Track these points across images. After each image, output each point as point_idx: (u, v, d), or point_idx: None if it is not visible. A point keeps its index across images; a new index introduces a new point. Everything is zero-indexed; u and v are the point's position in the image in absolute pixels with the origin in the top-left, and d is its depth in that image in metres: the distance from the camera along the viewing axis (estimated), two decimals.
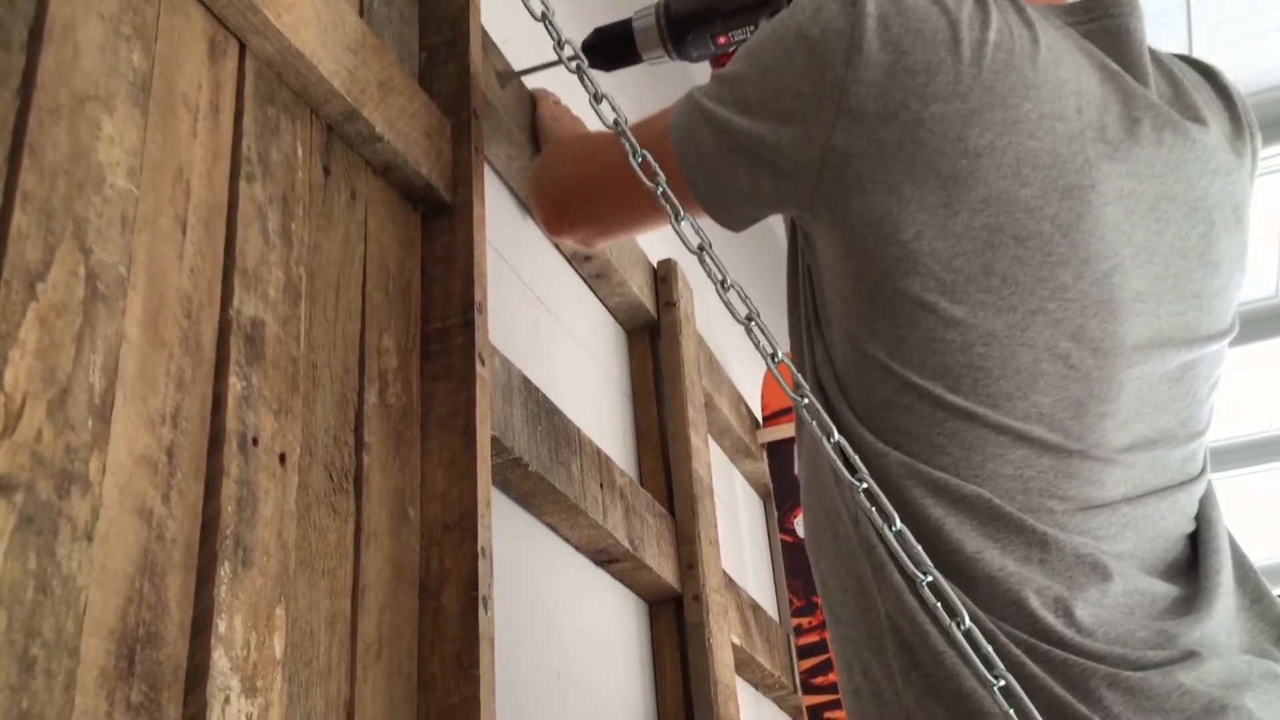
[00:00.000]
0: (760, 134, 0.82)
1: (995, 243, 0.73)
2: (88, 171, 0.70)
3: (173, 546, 0.71)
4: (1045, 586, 0.71)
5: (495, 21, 1.41)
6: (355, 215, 1.03)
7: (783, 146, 0.80)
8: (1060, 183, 0.74)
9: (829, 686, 2.17)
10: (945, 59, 0.74)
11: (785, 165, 0.80)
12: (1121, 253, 0.76)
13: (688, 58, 1.28)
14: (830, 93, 0.77)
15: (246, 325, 0.82)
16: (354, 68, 1.00)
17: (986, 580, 0.72)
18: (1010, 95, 0.74)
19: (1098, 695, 0.68)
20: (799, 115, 0.79)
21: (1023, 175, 0.73)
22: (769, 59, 0.83)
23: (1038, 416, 0.74)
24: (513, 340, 1.34)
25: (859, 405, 0.78)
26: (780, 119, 0.80)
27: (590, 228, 1.08)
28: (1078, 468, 0.75)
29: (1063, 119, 0.75)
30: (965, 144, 0.73)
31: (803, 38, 0.80)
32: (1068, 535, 0.73)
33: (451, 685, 0.94)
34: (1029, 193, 0.73)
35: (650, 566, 1.48)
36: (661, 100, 2.49)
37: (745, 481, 2.37)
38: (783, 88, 0.80)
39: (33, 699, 0.58)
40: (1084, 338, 0.75)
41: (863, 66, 0.75)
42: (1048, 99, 0.75)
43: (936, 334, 0.74)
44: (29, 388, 0.62)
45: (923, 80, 0.74)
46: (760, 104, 0.82)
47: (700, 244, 0.87)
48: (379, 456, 0.97)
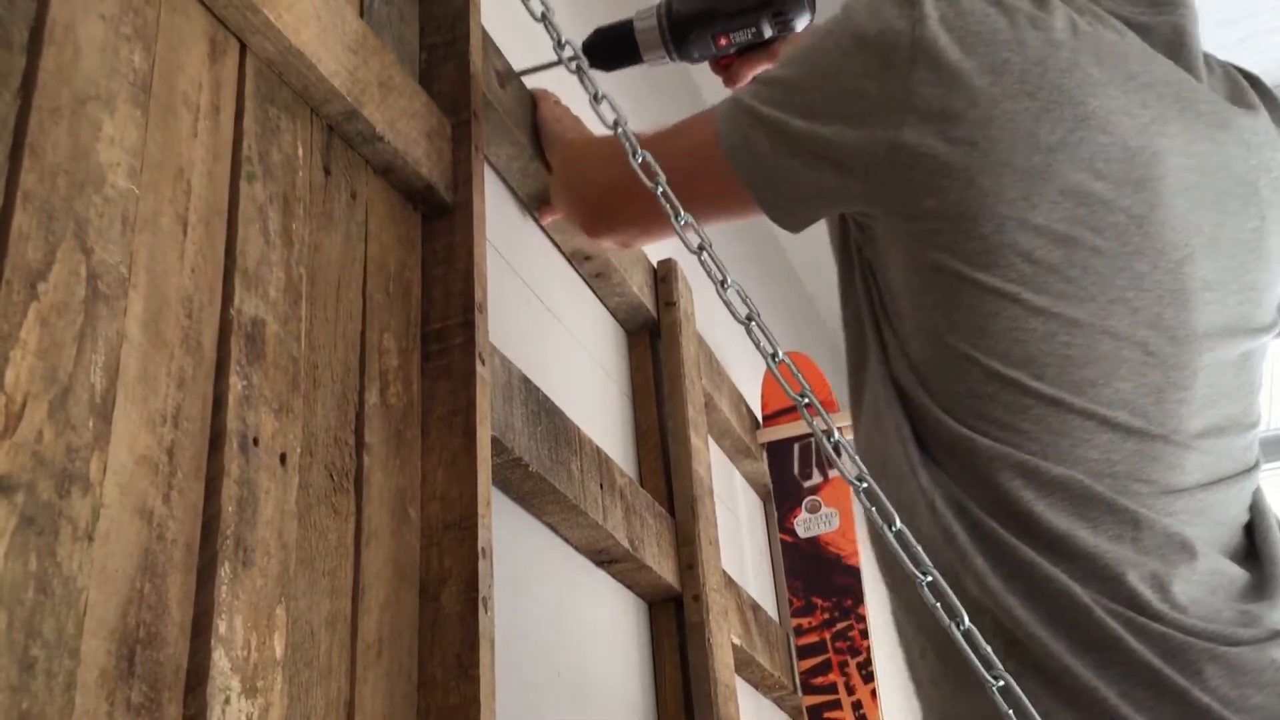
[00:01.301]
0: (824, 136, 0.82)
1: (1074, 234, 0.75)
2: (88, 171, 0.70)
3: (173, 546, 0.71)
4: (1140, 563, 0.73)
5: (495, 22, 1.41)
6: (356, 215, 1.03)
7: (848, 147, 0.80)
8: (1132, 176, 0.76)
9: (829, 687, 2.17)
10: (1010, 58, 0.76)
11: (852, 165, 0.81)
12: (1191, 243, 0.78)
13: (688, 58, 1.28)
14: (896, 93, 0.77)
15: (247, 325, 0.82)
16: (354, 68, 1.00)
17: (1083, 556, 0.73)
18: (1078, 91, 0.76)
19: (1197, 668, 0.70)
20: (864, 116, 0.79)
21: (1096, 169, 0.75)
22: (825, 62, 0.83)
23: (1121, 402, 0.76)
24: (513, 340, 1.34)
25: (940, 395, 0.79)
26: (844, 121, 0.80)
27: (632, 229, 1.07)
28: (1160, 452, 0.77)
29: (1129, 114, 0.77)
30: (1038, 140, 0.75)
31: (861, 39, 0.80)
32: (1156, 515, 0.75)
33: (451, 685, 0.94)
34: (1103, 186, 0.75)
35: (650, 566, 1.48)
36: (662, 100, 2.49)
37: (745, 481, 2.37)
38: (844, 89, 0.81)
39: (33, 699, 0.58)
40: (1161, 325, 0.77)
41: (928, 67, 0.76)
42: (1114, 94, 0.77)
43: (1020, 324, 0.76)
44: (30, 388, 0.62)
45: (989, 80, 0.75)
46: (820, 106, 0.82)
47: (700, 244, 0.87)
48: (379, 456, 0.97)
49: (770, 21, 1.22)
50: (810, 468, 2.34)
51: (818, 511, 2.32)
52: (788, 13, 1.22)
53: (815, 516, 2.32)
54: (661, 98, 2.37)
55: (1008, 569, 0.74)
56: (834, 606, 2.24)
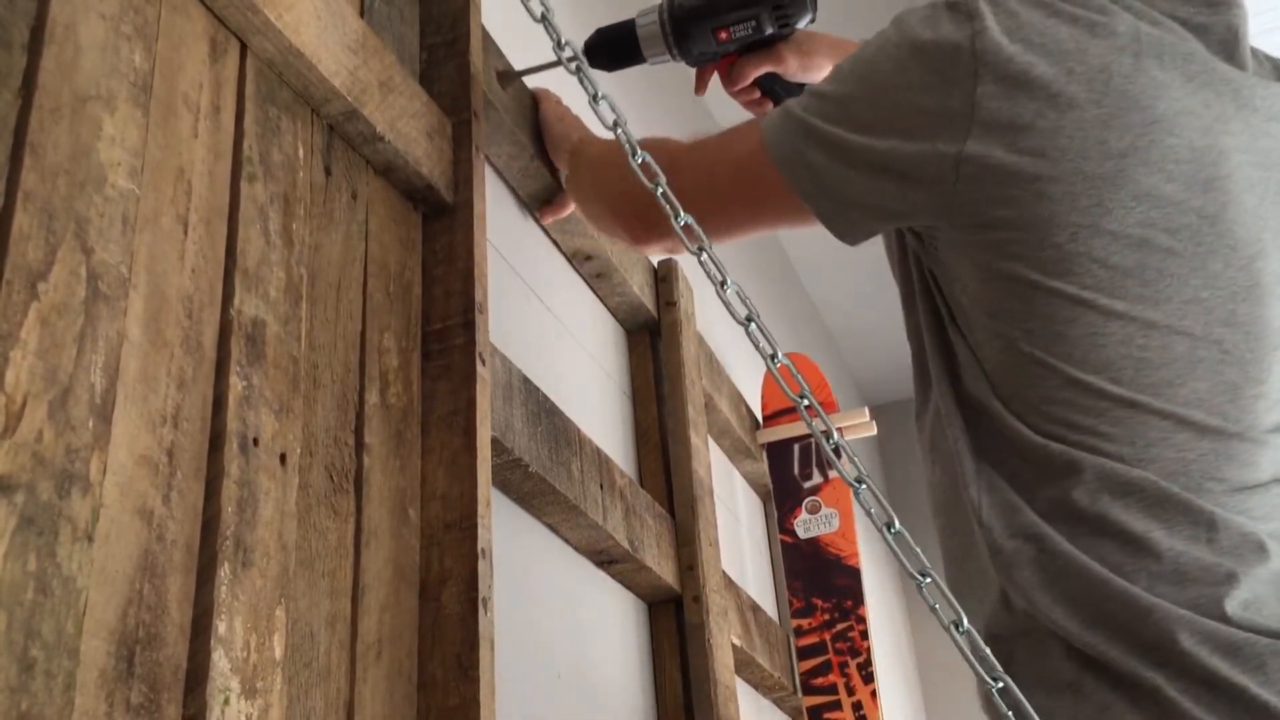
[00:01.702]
0: (883, 150, 0.81)
1: (1149, 238, 0.75)
2: (89, 171, 0.70)
3: (173, 547, 0.71)
4: (1215, 564, 0.73)
5: (495, 22, 1.41)
6: (356, 215, 1.03)
7: (910, 161, 0.80)
8: (1200, 175, 0.77)
9: (829, 687, 2.17)
10: (1074, 67, 0.76)
11: (915, 179, 0.80)
12: (1262, 238, 0.79)
13: (690, 57, 1.28)
14: (959, 106, 0.77)
15: (247, 325, 0.82)
16: (354, 68, 1.00)
17: (1158, 556, 0.74)
18: (1143, 96, 0.76)
19: (1259, 663, 0.70)
20: (926, 130, 0.79)
21: (1167, 171, 0.76)
22: (881, 77, 0.82)
23: (1197, 402, 0.76)
24: (513, 340, 1.34)
25: (1014, 401, 0.79)
26: (903, 135, 0.80)
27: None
28: (1236, 449, 0.77)
29: (1193, 114, 0.77)
30: (1107, 146, 0.75)
31: (918, 51, 0.80)
32: (1230, 514, 0.75)
33: (451, 686, 0.94)
34: (1174, 187, 0.76)
35: (650, 567, 1.48)
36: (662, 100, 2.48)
37: (745, 482, 2.37)
38: (902, 104, 0.80)
39: (32, 700, 0.58)
40: (1235, 322, 0.77)
41: (991, 79, 0.76)
42: (1178, 96, 0.77)
43: (1097, 329, 0.76)
44: (30, 388, 0.62)
45: (1054, 90, 0.75)
46: (878, 121, 0.82)
47: (700, 244, 0.87)
48: (379, 456, 0.97)
49: (771, 18, 1.22)
50: (810, 468, 2.34)
51: (818, 512, 2.32)
52: (788, 9, 1.22)
53: (815, 517, 2.32)
54: (661, 97, 2.37)
55: (1055, 572, 0.74)
56: (834, 607, 2.24)
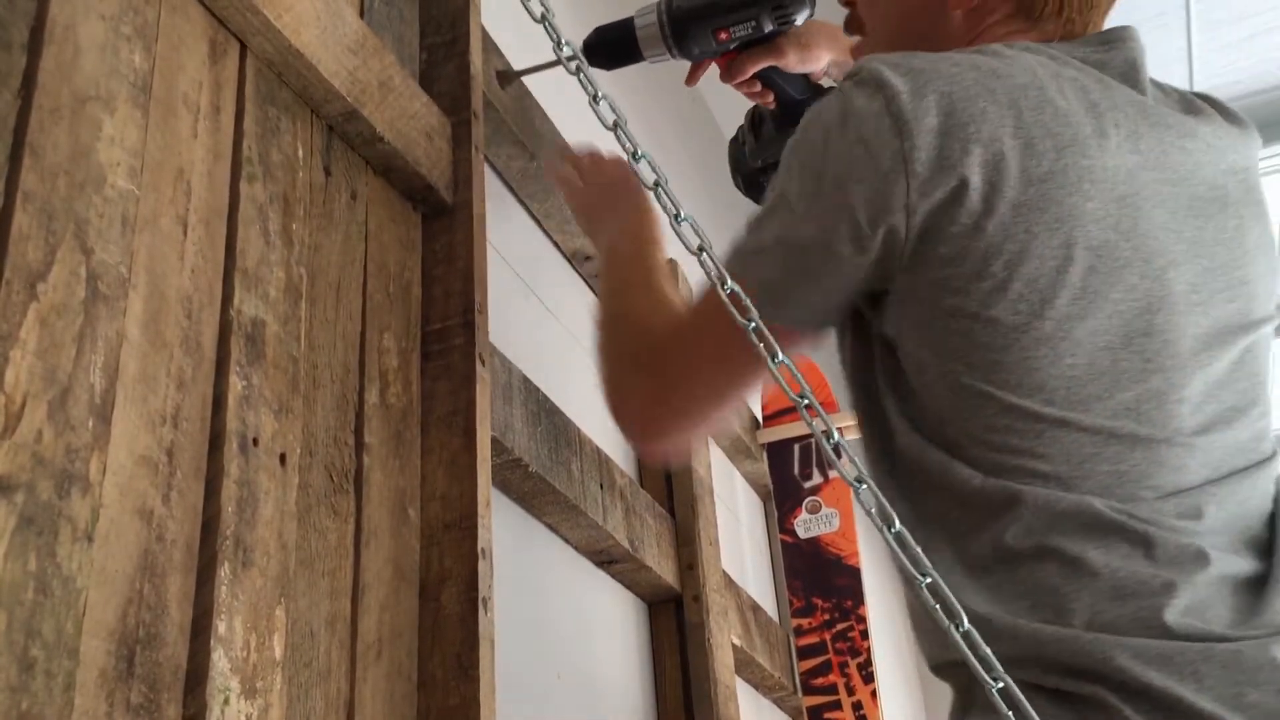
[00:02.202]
0: (832, 227, 0.82)
1: (1073, 256, 0.78)
2: (88, 172, 0.70)
3: (173, 547, 0.71)
4: (1153, 576, 0.75)
5: (495, 22, 1.41)
6: (356, 215, 1.03)
7: (862, 231, 0.81)
8: (1114, 193, 0.80)
9: (829, 687, 2.17)
10: (986, 108, 0.79)
11: (870, 245, 0.82)
12: (1174, 249, 0.82)
13: (689, 55, 1.28)
14: (894, 165, 0.79)
15: (247, 325, 0.82)
16: (354, 68, 1.00)
17: (1095, 574, 0.76)
18: (1054, 124, 0.80)
19: (1194, 669, 0.71)
20: (868, 199, 0.80)
21: (1084, 190, 0.79)
22: (814, 164, 0.83)
23: (1125, 412, 0.79)
24: (513, 340, 1.34)
25: (957, 439, 0.82)
26: (848, 209, 0.81)
27: (683, 423, 0.94)
28: (1164, 455, 0.79)
29: (1103, 135, 0.81)
30: (1029, 174, 0.78)
31: (843, 130, 0.81)
32: (1166, 523, 0.77)
33: (451, 686, 0.94)
34: (1093, 205, 0.79)
35: (650, 567, 1.48)
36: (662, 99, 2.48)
37: (745, 482, 2.37)
38: (841, 179, 0.81)
39: (32, 700, 0.58)
40: (1154, 332, 0.80)
41: (916, 134, 0.78)
42: (1084, 121, 0.81)
43: (1030, 352, 0.78)
44: (29, 388, 0.62)
45: (973, 130, 0.78)
46: (819, 204, 0.83)
47: (700, 245, 0.87)
48: (379, 456, 0.97)
49: (770, 16, 1.22)
50: (810, 468, 2.34)
51: (818, 512, 2.32)
52: (788, 7, 1.22)
53: (815, 517, 2.32)
54: (661, 98, 2.37)
55: (989, 635, 0.74)
56: (834, 607, 2.24)
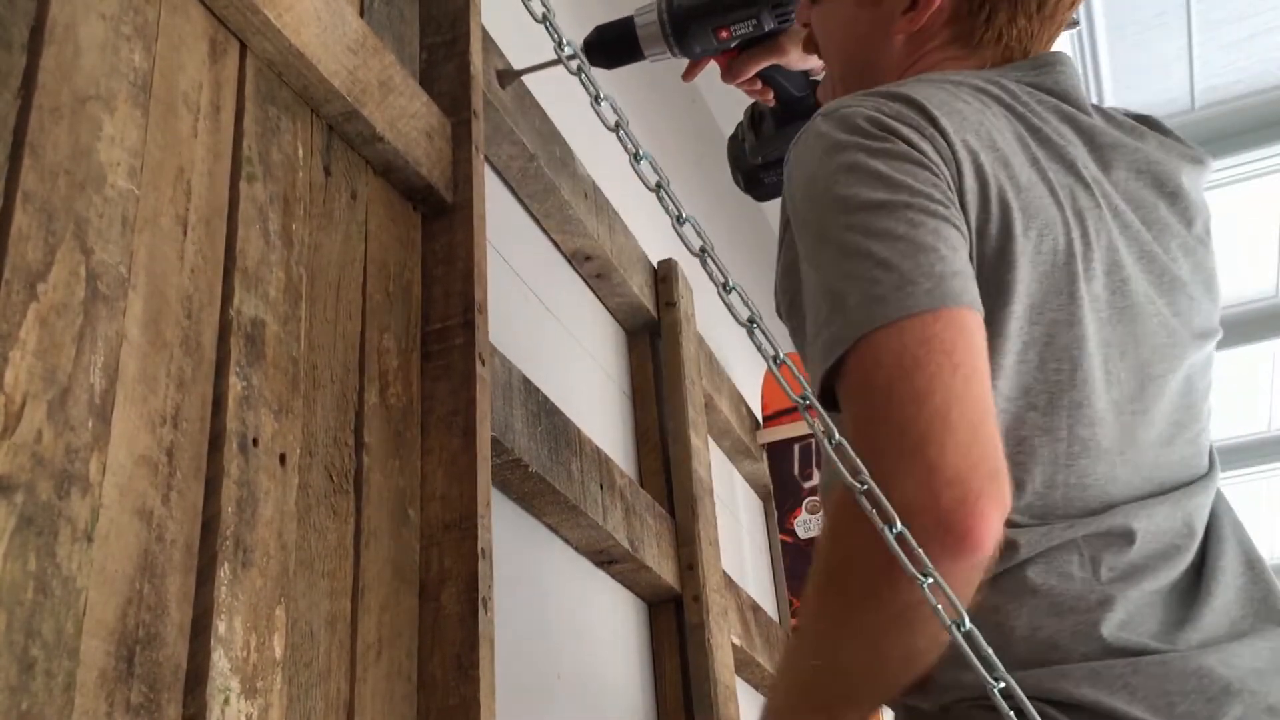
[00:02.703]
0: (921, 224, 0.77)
1: (1057, 261, 0.79)
2: (88, 171, 0.70)
3: (173, 547, 0.71)
4: (1089, 592, 0.75)
5: (495, 22, 1.41)
6: (356, 215, 1.03)
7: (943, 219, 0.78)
8: (1076, 205, 0.81)
9: None
10: (950, 130, 0.79)
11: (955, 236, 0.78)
12: (1126, 261, 0.83)
13: (690, 53, 1.28)
14: (941, 152, 0.78)
15: (247, 325, 0.82)
16: (354, 68, 1.00)
17: (1032, 593, 0.75)
18: (1007, 149, 0.81)
19: (1125, 682, 0.71)
20: (925, 195, 0.77)
21: (1057, 198, 0.80)
22: (853, 192, 0.77)
23: (1099, 421, 0.79)
24: (513, 340, 1.34)
25: None
26: (924, 211, 0.77)
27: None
28: (1120, 469, 0.79)
29: (1063, 155, 0.83)
30: (1017, 180, 0.79)
31: (861, 148, 0.78)
32: (1107, 540, 0.77)
33: (451, 686, 0.94)
34: (1063, 215, 0.80)
35: (650, 567, 1.48)
36: (660, 99, 2.48)
37: (745, 482, 2.37)
38: (907, 181, 0.77)
39: (32, 700, 0.58)
40: (1124, 344, 0.81)
41: (938, 137, 0.78)
42: (1048, 139, 0.83)
43: (1022, 356, 0.78)
44: (29, 388, 0.62)
45: (959, 146, 0.79)
46: (894, 216, 0.76)
47: (702, 245, 0.87)
48: (379, 457, 0.97)
49: (770, 14, 1.22)
50: (810, 468, 2.34)
51: (818, 512, 2.32)
52: (787, 4, 1.22)
53: (815, 517, 2.32)
54: (661, 98, 2.37)
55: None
56: None
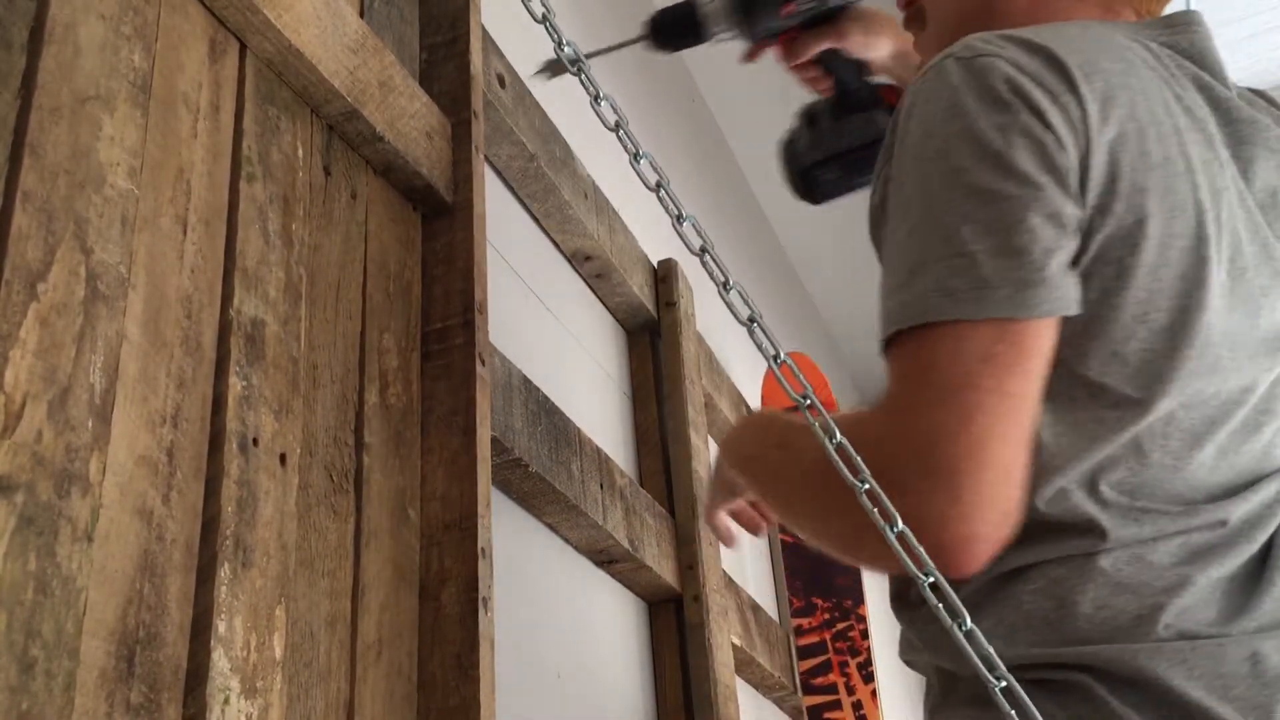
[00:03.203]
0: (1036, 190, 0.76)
1: (1188, 245, 0.76)
2: (88, 171, 0.70)
3: (173, 547, 0.71)
4: (1156, 577, 0.74)
5: (495, 22, 1.41)
6: (356, 215, 1.02)
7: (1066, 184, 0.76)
8: (1212, 184, 0.78)
9: (829, 687, 2.17)
10: (1090, 74, 0.76)
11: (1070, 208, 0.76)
12: (1246, 251, 0.80)
13: (754, 30, 1.19)
14: (1073, 123, 0.75)
15: (247, 325, 0.82)
16: (354, 68, 1.00)
17: (1101, 573, 0.74)
18: (1166, 107, 0.78)
19: (1182, 658, 0.71)
20: (1055, 164, 0.75)
21: (1194, 177, 0.77)
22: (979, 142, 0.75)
23: (1201, 405, 0.76)
24: (513, 340, 1.34)
25: (1059, 424, 0.77)
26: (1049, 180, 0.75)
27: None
28: (1208, 456, 0.77)
29: (1203, 129, 0.79)
30: (1155, 154, 0.76)
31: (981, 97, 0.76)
32: (1178, 529, 0.75)
33: (451, 686, 0.94)
34: (1197, 195, 0.77)
35: (650, 567, 1.48)
36: (660, 99, 2.48)
37: None
38: (1023, 154, 0.75)
39: (32, 700, 0.58)
40: (1237, 336, 0.78)
41: (1083, 100, 0.75)
42: (1190, 109, 0.80)
43: (1148, 344, 0.75)
44: (29, 388, 0.62)
45: (1105, 96, 0.76)
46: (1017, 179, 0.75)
47: (702, 245, 0.87)
48: (379, 456, 0.97)
49: None
50: None
51: None
52: None
53: None
54: (662, 98, 2.37)
55: (1011, 622, 0.74)
56: (834, 607, 2.24)
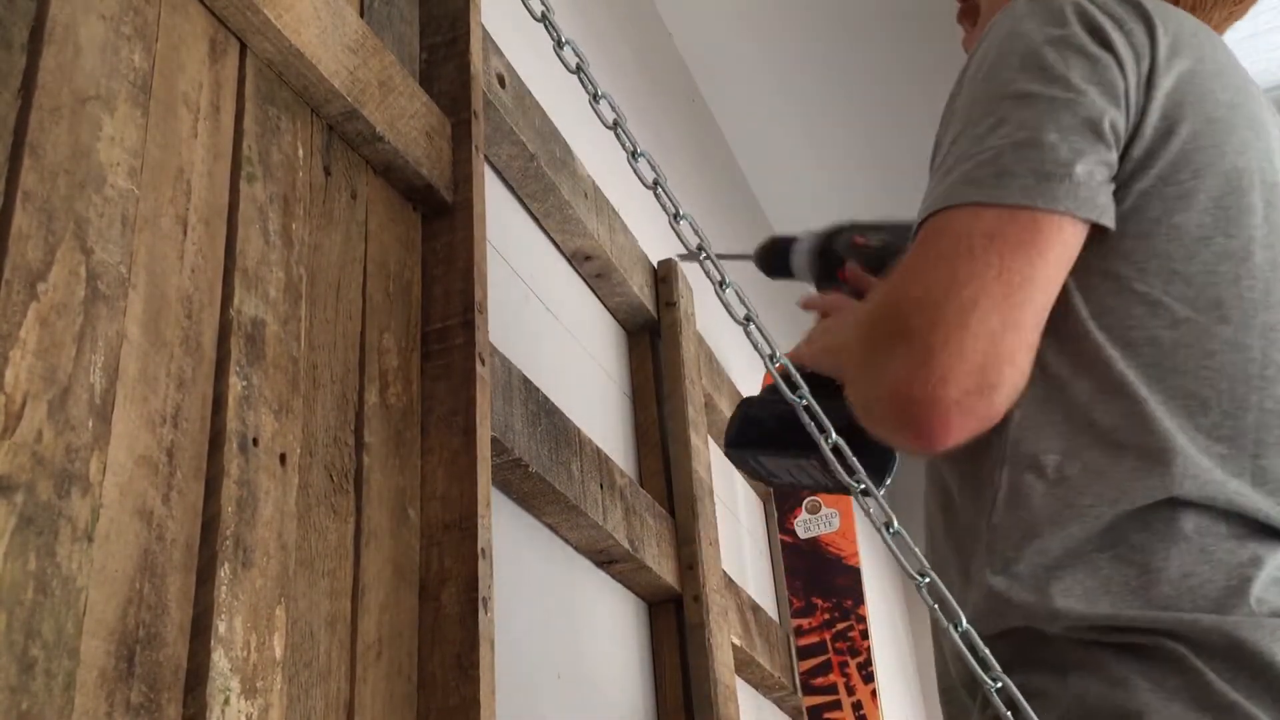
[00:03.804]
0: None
1: (1258, 180, 0.77)
2: (88, 171, 0.70)
3: (173, 547, 0.71)
4: (1239, 548, 0.72)
5: (495, 22, 1.41)
6: (356, 215, 1.03)
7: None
8: (1268, 149, 0.80)
9: (829, 687, 2.17)
10: (1168, 26, 0.79)
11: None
12: None
13: (819, 288, 1.17)
14: (1137, 46, 0.77)
15: (247, 325, 0.82)
16: (354, 68, 1.00)
17: (1185, 539, 0.72)
18: (1229, 64, 0.81)
19: (1277, 635, 0.69)
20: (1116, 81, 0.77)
21: (1262, 127, 0.80)
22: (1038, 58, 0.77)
23: (1275, 337, 0.76)
24: (513, 340, 1.34)
25: (1115, 344, 0.76)
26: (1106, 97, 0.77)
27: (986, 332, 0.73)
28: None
29: (1259, 96, 0.81)
30: (1216, 97, 0.78)
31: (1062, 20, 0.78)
32: (1262, 495, 0.74)
33: (451, 686, 0.94)
34: (1265, 144, 0.79)
35: (650, 567, 1.48)
36: (662, 99, 2.48)
37: (745, 482, 2.37)
38: (1100, 75, 0.77)
39: (32, 700, 0.58)
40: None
41: (1141, 29, 0.77)
42: (1248, 80, 0.82)
43: (1213, 267, 0.76)
44: (29, 388, 0.62)
45: (1170, 40, 0.78)
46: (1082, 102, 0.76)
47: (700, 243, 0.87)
48: (379, 456, 0.97)
49: None
50: None
51: (818, 512, 2.32)
52: None
53: (815, 517, 2.32)
54: (662, 97, 2.37)
55: (1065, 549, 0.73)
56: (834, 607, 2.24)
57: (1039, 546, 0.74)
